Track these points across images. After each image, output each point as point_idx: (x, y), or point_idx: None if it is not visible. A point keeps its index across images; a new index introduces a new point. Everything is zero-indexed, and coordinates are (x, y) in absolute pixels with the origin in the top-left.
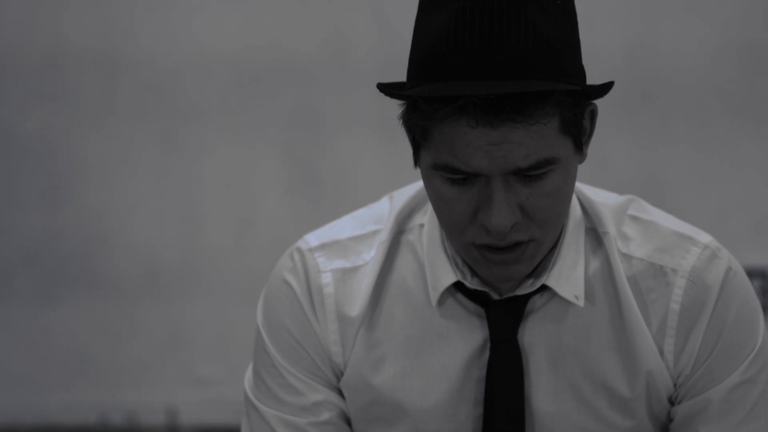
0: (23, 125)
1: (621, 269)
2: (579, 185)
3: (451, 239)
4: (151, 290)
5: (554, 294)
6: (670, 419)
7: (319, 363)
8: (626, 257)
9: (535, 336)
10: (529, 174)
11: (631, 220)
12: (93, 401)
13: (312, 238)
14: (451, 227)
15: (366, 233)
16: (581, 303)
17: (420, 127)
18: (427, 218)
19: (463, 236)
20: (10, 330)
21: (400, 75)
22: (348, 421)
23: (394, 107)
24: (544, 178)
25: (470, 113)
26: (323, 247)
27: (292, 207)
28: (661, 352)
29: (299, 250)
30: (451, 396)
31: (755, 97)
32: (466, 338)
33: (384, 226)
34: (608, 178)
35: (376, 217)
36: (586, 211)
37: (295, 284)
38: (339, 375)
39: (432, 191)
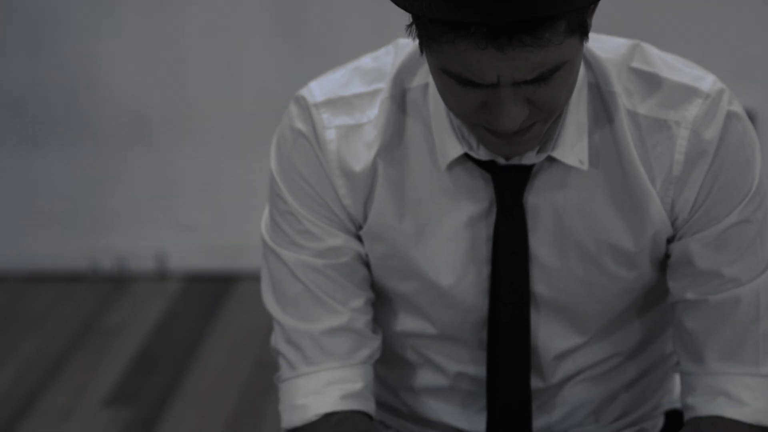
0: None
1: (626, 129)
2: None
3: (458, 118)
4: (138, 137)
5: (559, 161)
6: (667, 256)
7: (336, 210)
8: (631, 114)
9: (540, 198)
10: (537, 79)
11: (635, 74)
12: (83, 248)
13: (317, 91)
14: (457, 113)
15: (370, 90)
16: (586, 167)
17: (425, 38)
18: (431, 78)
19: (470, 120)
20: None
21: None
22: (367, 265)
23: None
24: (551, 77)
25: (479, 38)
26: (328, 102)
27: (278, 54)
28: (663, 202)
29: (305, 102)
30: (461, 254)
31: None
32: (473, 199)
33: (385, 84)
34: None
35: (380, 72)
36: (591, 66)
37: (308, 134)
38: (355, 224)
39: (438, 83)
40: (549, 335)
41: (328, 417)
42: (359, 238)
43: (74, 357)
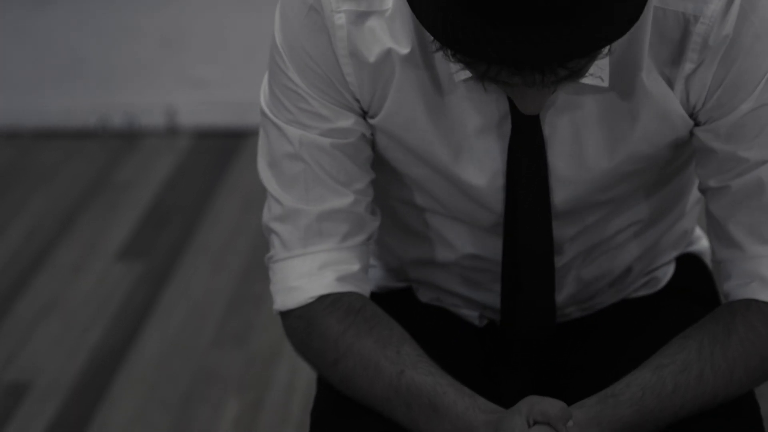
0: None
1: (648, 30)
2: None
3: None
4: None
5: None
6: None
7: (345, 93)
8: (655, 9)
9: (557, 112)
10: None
11: None
12: (92, 104)
13: None
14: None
15: None
16: (606, 84)
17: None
18: None
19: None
20: (7, 35)
21: None
22: (372, 144)
23: None
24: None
25: (507, 74)
26: None
27: None
28: (681, 101)
29: None
30: (480, 152)
31: None
32: (487, 111)
33: None
34: None
35: None
36: None
37: (320, 10)
38: (363, 109)
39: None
40: (565, 223)
41: (322, 299)
42: (364, 119)
43: (85, 212)
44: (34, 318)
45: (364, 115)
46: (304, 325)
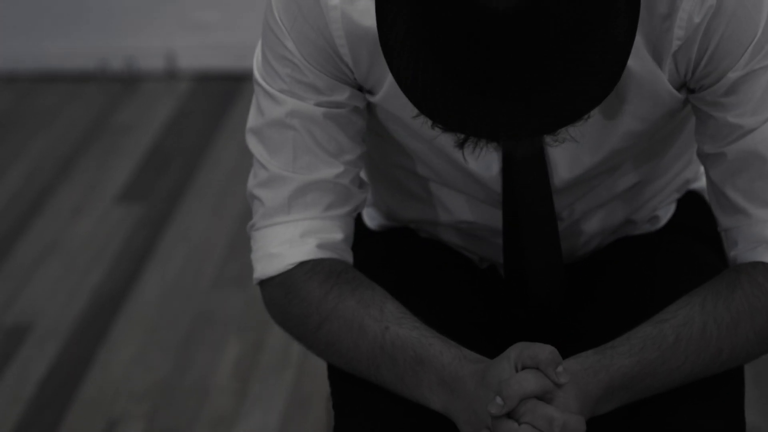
0: None
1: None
2: None
3: None
4: None
5: None
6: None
7: (342, 66)
8: None
9: None
10: None
11: None
12: (92, 48)
13: None
14: None
15: None
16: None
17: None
18: None
19: None
20: None
21: None
22: (370, 115)
23: None
24: None
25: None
26: None
27: None
28: (671, 77)
29: None
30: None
31: None
32: None
33: None
34: None
35: None
36: None
37: None
38: (359, 83)
39: None
40: (564, 195)
41: (302, 265)
42: (360, 91)
43: (85, 155)
44: (34, 261)
45: (359, 88)
46: (284, 292)
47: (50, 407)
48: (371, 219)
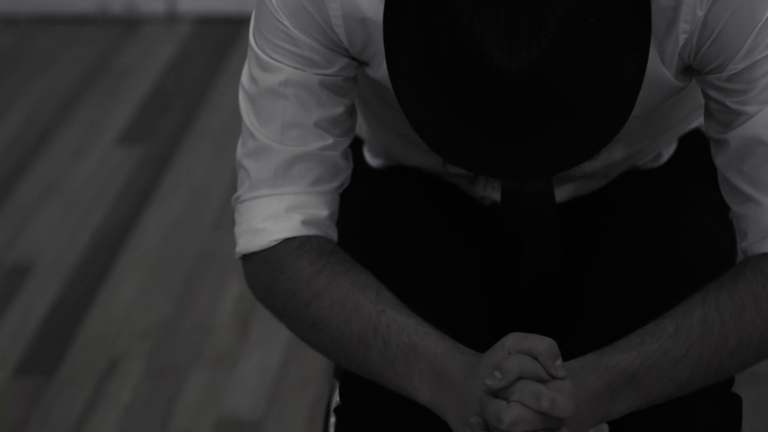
0: None
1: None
2: None
3: None
4: None
5: None
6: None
7: (335, 38)
8: None
9: None
10: None
11: None
12: None
13: None
14: None
15: None
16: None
17: None
18: None
19: None
20: None
21: None
22: (357, 86)
23: None
24: None
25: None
26: None
27: None
28: (676, 74)
29: None
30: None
31: None
32: None
33: None
34: None
35: None
36: None
37: None
38: (354, 57)
39: None
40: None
41: (288, 241)
42: (355, 61)
43: (86, 96)
44: (35, 201)
45: (353, 59)
46: (269, 268)
47: (52, 346)
48: (373, 158)
